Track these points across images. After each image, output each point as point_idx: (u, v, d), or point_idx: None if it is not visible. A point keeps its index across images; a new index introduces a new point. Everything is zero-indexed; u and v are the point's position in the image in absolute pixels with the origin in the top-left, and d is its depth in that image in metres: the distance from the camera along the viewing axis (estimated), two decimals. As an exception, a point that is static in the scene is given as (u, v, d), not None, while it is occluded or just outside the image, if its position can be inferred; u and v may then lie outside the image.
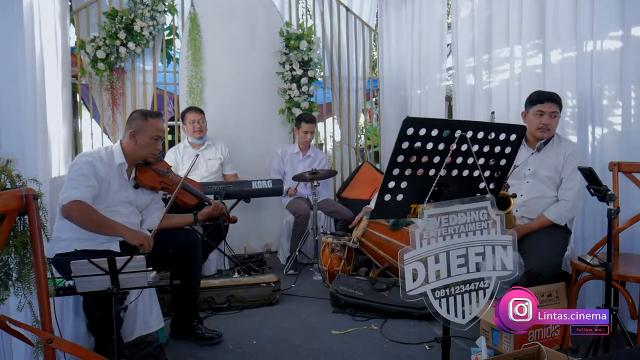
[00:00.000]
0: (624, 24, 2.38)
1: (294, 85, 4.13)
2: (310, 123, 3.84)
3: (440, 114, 3.97)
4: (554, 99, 2.39)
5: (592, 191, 1.80)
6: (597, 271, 2.01)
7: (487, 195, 1.40)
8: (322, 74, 4.56)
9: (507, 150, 1.45)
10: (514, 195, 2.27)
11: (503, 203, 2.24)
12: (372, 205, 3.48)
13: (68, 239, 2.03)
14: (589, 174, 1.79)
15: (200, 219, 2.44)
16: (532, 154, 2.43)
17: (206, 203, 2.58)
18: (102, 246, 2.04)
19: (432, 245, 1.31)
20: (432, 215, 1.32)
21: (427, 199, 1.36)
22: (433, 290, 1.31)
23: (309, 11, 4.72)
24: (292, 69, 4.13)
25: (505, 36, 3.13)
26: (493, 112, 2.29)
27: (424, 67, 4.13)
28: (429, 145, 1.34)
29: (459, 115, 3.62)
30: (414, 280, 1.29)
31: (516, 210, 2.43)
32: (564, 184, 2.38)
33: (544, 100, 2.39)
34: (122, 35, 3.67)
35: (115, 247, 2.10)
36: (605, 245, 1.78)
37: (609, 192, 1.73)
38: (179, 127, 3.96)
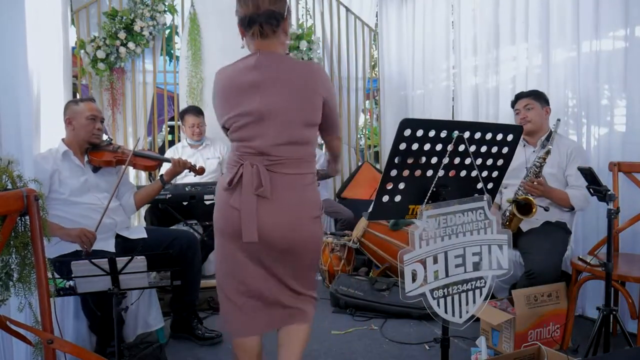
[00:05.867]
0: (628, 24, 2.37)
1: (294, 85, 4.13)
2: None
3: (447, 114, 3.95)
4: (523, 95, 2.53)
5: (592, 191, 1.80)
6: (597, 271, 2.01)
7: (484, 196, 1.40)
8: (322, 73, 4.55)
9: (505, 150, 1.45)
10: (547, 209, 2.30)
11: (526, 209, 2.24)
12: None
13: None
14: (588, 174, 1.80)
15: (167, 179, 2.43)
16: (533, 151, 2.46)
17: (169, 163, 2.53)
18: (97, 247, 2.05)
19: (430, 245, 1.32)
20: (431, 216, 1.32)
21: (425, 200, 1.36)
22: (432, 291, 1.32)
23: (308, 11, 4.71)
24: (292, 69, 4.12)
25: (508, 36, 3.13)
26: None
27: (428, 66, 4.12)
28: (427, 147, 1.35)
29: (462, 115, 3.62)
30: (413, 281, 1.29)
31: (541, 215, 2.42)
32: (576, 181, 2.32)
33: (516, 101, 2.56)
34: (122, 35, 3.67)
35: (111, 248, 2.11)
36: (605, 245, 1.79)
37: (609, 192, 1.74)
38: (179, 127, 3.96)
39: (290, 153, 1.46)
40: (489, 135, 1.40)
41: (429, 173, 1.38)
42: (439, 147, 1.35)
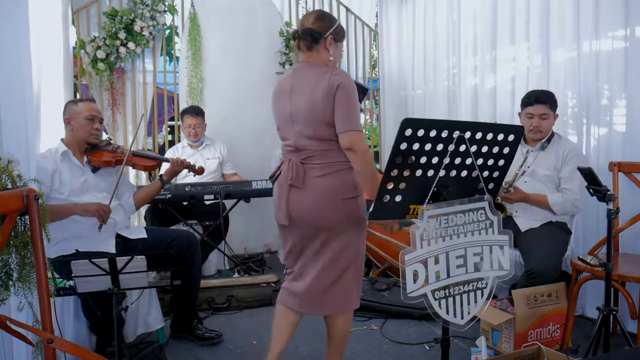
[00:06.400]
0: (628, 24, 2.37)
1: (294, 85, 4.12)
2: None
3: (447, 114, 3.94)
4: (542, 100, 2.38)
5: (592, 191, 1.80)
6: (597, 271, 2.01)
7: (485, 196, 1.40)
8: (322, 74, 4.55)
9: (506, 150, 1.45)
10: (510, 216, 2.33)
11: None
12: None
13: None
14: (588, 174, 1.80)
15: (167, 178, 2.44)
16: (530, 152, 2.44)
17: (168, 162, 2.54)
18: (98, 247, 2.05)
19: (432, 246, 1.31)
20: (432, 216, 1.32)
21: (426, 200, 1.36)
22: (433, 291, 1.31)
23: (309, 11, 4.71)
24: (292, 69, 4.12)
25: (508, 36, 3.13)
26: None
27: (428, 66, 4.12)
28: (428, 146, 1.35)
29: (462, 115, 3.62)
30: (415, 281, 1.29)
31: (516, 211, 2.44)
32: (566, 183, 2.35)
33: (532, 103, 2.40)
34: (122, 35, 3.67)
35: (111, 248, 2.11)
36: (605, 245, 1.79)
37: (609, 192, 1.74)
38: (179, 127, 3.96)
39: (317, 147, 1.68)
40: (490, 136, 1.40)
41: (430, 173, 1.38)
42: (440, 147, 1.35)
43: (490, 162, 1.45)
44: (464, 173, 1.43)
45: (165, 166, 2.79)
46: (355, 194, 1.68)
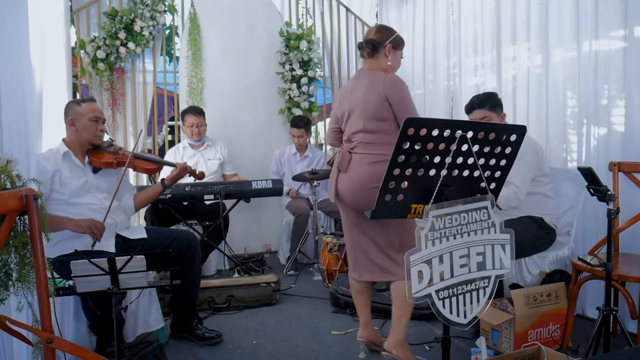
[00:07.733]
0: (627, 24, 2.38)
1: (294, 85, 4.13)
2: (298, 128, 3.81)
3: (447, 114, 3.94)
4: (477, 105, 2.42)
5: (592, 191, 1.80)
6: (597, 271, 2.01)
7: (487, 195, 1.40)
8: (322, 74, 4.56)
9: (508, 150, 1.45)
10: None
11: None
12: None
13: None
14: (588, 174, 1.80)
15: (168, 183, 2.44)
16: None
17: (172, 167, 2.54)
18: (98, 247, 2.04)
19: (436, 246, 1.31)
20: (436, 216, 1.31)
21: (432, 199, 1.36)
22: (437, 291, 1.31)
23: (309, 11, 4.72)
24: (292, 69, 4.12)
25: (508, 36, 3.13)
26: None
27: (428, 66, 4.12)
28: (430, 146, 1.34)
29: (462, 115, 3.61)
30: (419, 281, 1.29)
31: None
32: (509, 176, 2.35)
33: (471, 110, 2.45)
34: (122, 35, 3.66)
35: (111, 248, 2.10)
36: (605, 245, 1.78)
37: (609, 192, 1.74)
38: (179, 127, 3.96)
39: (362, 138, 1.96)
40: (492, 135, 1.40)
41: (432, 172, 1.38)
42: (442, 146, 1.35)
43: (492, 162, 1.44)
44: (466, 172, 1.43)
45: (166, 169, 2.78)
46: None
